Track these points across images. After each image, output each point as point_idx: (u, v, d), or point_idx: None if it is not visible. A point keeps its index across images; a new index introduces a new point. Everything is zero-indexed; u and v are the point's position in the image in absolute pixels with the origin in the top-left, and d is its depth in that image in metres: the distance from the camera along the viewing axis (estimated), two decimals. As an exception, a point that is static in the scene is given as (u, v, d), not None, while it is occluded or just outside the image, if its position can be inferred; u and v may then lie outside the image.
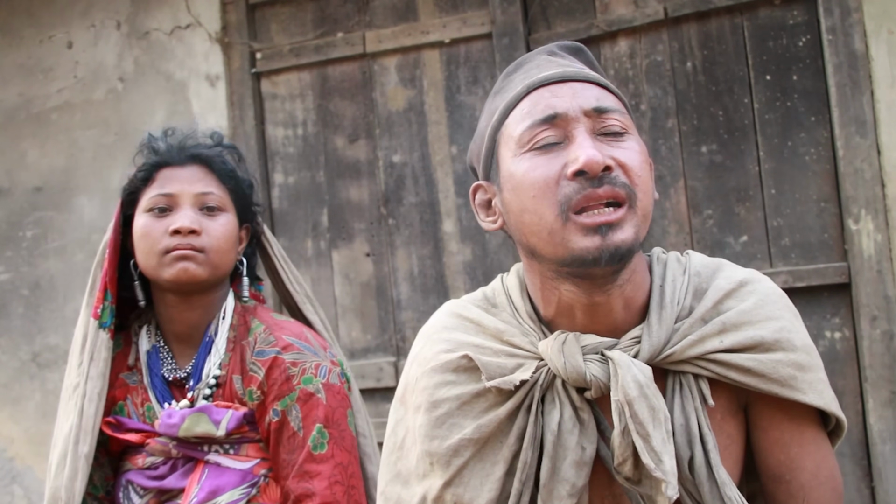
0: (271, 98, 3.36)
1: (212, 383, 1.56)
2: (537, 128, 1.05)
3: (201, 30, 3.37)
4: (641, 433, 1.00)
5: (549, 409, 1.09)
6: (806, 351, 1.11)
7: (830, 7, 2.69)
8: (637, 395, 1.01)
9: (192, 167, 1.59)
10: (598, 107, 1.06)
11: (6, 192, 3.57)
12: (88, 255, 3.35)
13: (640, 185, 1.05)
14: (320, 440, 1.51)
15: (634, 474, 1.04)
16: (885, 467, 2.63)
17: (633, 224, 1.04)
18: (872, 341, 2.64)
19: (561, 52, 1.16)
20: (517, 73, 1.14)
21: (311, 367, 1.54)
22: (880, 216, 2.64)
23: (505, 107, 1.10)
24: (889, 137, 2.63)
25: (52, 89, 3.54)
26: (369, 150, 3.26)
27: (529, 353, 1.11)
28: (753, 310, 1.10)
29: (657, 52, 2.94)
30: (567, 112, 1.05)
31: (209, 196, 1.57)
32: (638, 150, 1.08)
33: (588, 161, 1.01)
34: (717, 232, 2.87)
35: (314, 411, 1.52)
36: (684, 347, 1.07)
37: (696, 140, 2.89)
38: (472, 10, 3.13)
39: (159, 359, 1.62)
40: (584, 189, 1.02)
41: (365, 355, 3.22)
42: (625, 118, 1.09)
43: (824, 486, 1.11)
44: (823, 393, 1.10)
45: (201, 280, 1.55)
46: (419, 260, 3.19)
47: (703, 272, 1.15)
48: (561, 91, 1.06)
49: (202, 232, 1.54)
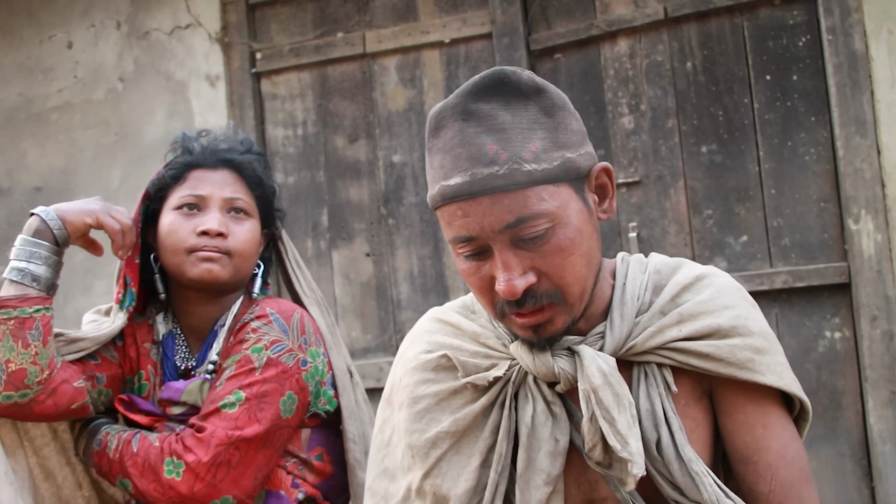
0: (271, 98, 3.36)
1: (210, 369, 1.59)
2: (459, 245, 1.08)
3: (201, 30, 3.37)
4: (607, 418, 1.07)
5: (522, 405, 1.16)
6: (763, 336, 1.16)
7: (830, 7, 2.69)
8: (602, 382, 1.08)
9: (224, 171, 1.62)
10: (509, 223, 1.04)
11: (6, 192, 3.57)
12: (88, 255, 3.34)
13: (566, 281, 1.07)
14: (234, 400, 1.48)
15: (605, 459, 1.10)
16: (885, 467, 2.63)
17: (563, 314, 1.10)
18: (872, 341, 2.64)
19: (477, 107, 1.06)
20: (436, 140, 1.09)
21: (267, 340, 1.53)
22: (880, 216, 2.64)
23: (430, 199, 1.11)
24: (889, 137, 2.63)
25: (52, 89, 3.54)
26: (369, 150, 3.26)
27: (503, 354, 1.19)
28: (709, 300, 1.16)
29: (657, 52, 2.94)
30: (480, 234, 1.05)
31: (237, 201, 1.61)
32: (564, 243, 1.06)
33: (506, 293, 1.05)
34: (717, 232, 2.87)
35: (242, 377, 1.50)
36: (645, 338, 1.14)
37: (696, 140, 2.89)
38: (472, 10, 3.14)
39: (174, 345, 1.65)
40: (512, 307, 1.08)
41: (365, 355, 3.22)
42: (540, 221, 1.04)
43: (791, 465, 1.15)
44: (783, 375, 1.15)
45: (223, 281, 1.58)
46: (419, 260, 3.19)
47: (663, 270, 1.22)
48: (471, 209, 1.04)
49: (229, 235, 1.58)
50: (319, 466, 1.60)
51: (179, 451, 1.46)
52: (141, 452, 1.47)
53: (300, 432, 1.59)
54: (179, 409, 1.56)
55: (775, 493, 1.14)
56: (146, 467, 1.46)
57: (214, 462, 1.44)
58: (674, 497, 1.11)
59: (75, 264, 3.41)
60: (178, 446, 1.46)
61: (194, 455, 1.45)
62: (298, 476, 1.57)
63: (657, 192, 2.93)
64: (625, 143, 2.97)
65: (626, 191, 2.96)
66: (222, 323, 1.63)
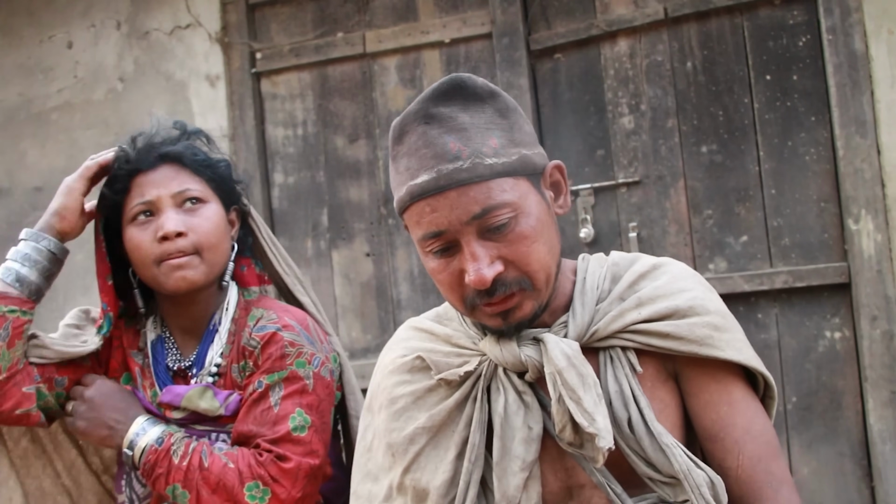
0: (271, 98, 3.36)
1: (213, 371, 1.56)
2: (428, 241, 1.15)
3: (201, 30, 3.37)
4: (573, 398, 1.12)
5: (495, 397, 1.22)
6: (720, 315, 1.22)
7: (830, 7, 2.69)
8: (566, 364, 1.13)
9: (164, 167, 1.56)
10: (476, 214, 1.11)
11: (6, 192, 3.57)
12: (88, 255, 3.34)
13: (532, 266, 1.14)
14: (302, 423, 1.49)
15: (575, 439, 1.14)
16: (885, 467, 2.63)
17: (531, 299, 1.16)
18: (872, 341, 2.64)
19: (438, 111, 1.15)
20: (400, 147, 1.17)
21: (306, 353, 1.53)
22: (880, 216, 2.64)
23: (397, 203, 1.18)
24: (889, 137, 2.63)
25: (52, 89, 3.54)
26: (369, 150, 3.26)
27: (473, 351, 1.26)
28: (666, 285, 1.22)
29: (657, 52, 2.94)
30: (448, 228, 1.12)
31: (187, 192, 1.55)
32: (528, 231, 1.14)
33: (477, 282, 1.11)
34: (717, 232, 2.87)
35: (298, 396, 1.50)
36: (607, 323, 1.20)
37: (696, 140, 2.89)
38: (472, 10, 3.13)
39: (164, 349, 1.62)
40: (482, 297, 1.15)
41: (365, 355, 3.22)
42: (502, 211, 1.12)
43: (758, 440, 1.19)
44: (742, 350, 1.20)
45: (201, 283, 1.55)
46: (419, 260, 3.18)
47: (621, 262, 1.28)
48: (439, 204, 1.12)
49: (189, 231, 1.52)
50: None
51: (266, 479, 1.45)
52: (215, 470, 1.45)
53: None
54: (180, 414, 1.54)
55: (743, 467, 1.18)
56: (221, 487, 1.45)
57: (303, 495, 1.47)
58: (647, 473, 1.16)
59: (75, 264, 3.41)
60: (263, 473, 1.46)
61: (284, 488, 1.45)
62: None
63: (657, 192, 2.93)
64: (625, 143, 2.97)
65: (626, 191, 2.96)
66: (218, 321, 1.60)
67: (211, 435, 1.55)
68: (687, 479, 1.12)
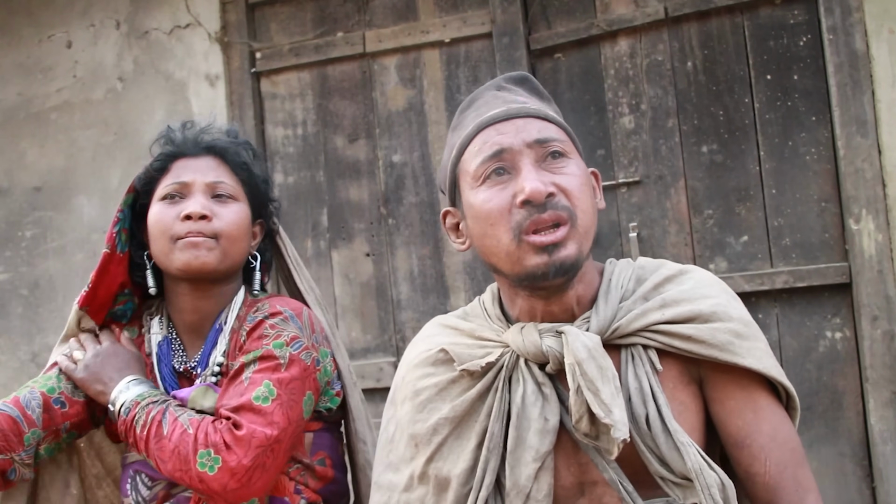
0: (271, 98, 3.36)
1: (216, 370, 1.56)
2: (487, 162, 1.22)
3: (201, 29, 3.36)
4: (592, 389, 1.14)
5: (514, 388, 1.24)
6: (743, 322, 1.23)
7: (831, 6, 2.69)
8: (586, 356, 1.16)
9: (206, 158, 1.61)
10: (538, 139, 1.22)
11: (5, 192, 3.56)
12: (88, 254, 3.35)
13: (579, 206, 1.21)
14: (266, 394, 1.45)
15: (591, 430, 1.16)
16: (885, 468, 2.63)
17: (575, 241, 1.19)
18: (873, 341, 2.64)
19: (507, 86, 1.32)
20: (469, 110, 1.30)
21: (287, 336, 1.51)
22: (881, 216, 2.63)
23: (460, 144, 1.27)
24: (890, 137, 2.63)
25: (51, 89, 3.54)
26: (369, 150, 3.25)
27: (496, 343, 1.28)
28: (691, 290, 1.25)
29: (657, 52, 2.94)
30: (511, 146, 1.21)
31: (221, 185, 1.59)
32: (578, 175, 1.23)
33: (532, 192, 1.17)
34: (717, 232, 2.86)
35: (269, 372, 1.47)
36: (630, 320, 1.22)
37: (697, 140, 2.89)
38: (473, 10, 3.13)
39: (170, 349, 1.62)
40: (532, 215, 1.18)
41: (365, 355, 3.22)
42: (566, 145, 1.25)
43: (783, 446, 1.20)
44: (763, 359, 1.21)
45: (211, 268, 1.54)
46: (419, 260, 3.18)
47: (647, 266, 1.32)
48: (505, 128, 1.23)
49: (213, 217, 1.55)
50: (321, 471, 1.58)
51: (219, 446, 1.41)
52: (173, 438, 1.43)
53: (303, 436, 1.57)
54: None
55: (770, 473, 1.19)
56: (176, 454, 1.42)
57: (254, 465, 1.42)
58: (660, 472, 1.17)
59: (75, 264, 3.41)
60: (217, 440, 1.42)
61: (235, 456, 1.41)
62: (301, 482, 1.55)
63: (657, 192, 2.92)
64: (625, 142, 2.97)
65: (626, 190, 2.96)
66: (224, 321, 1.60)
67: None
68: (698, 478, 1.13)
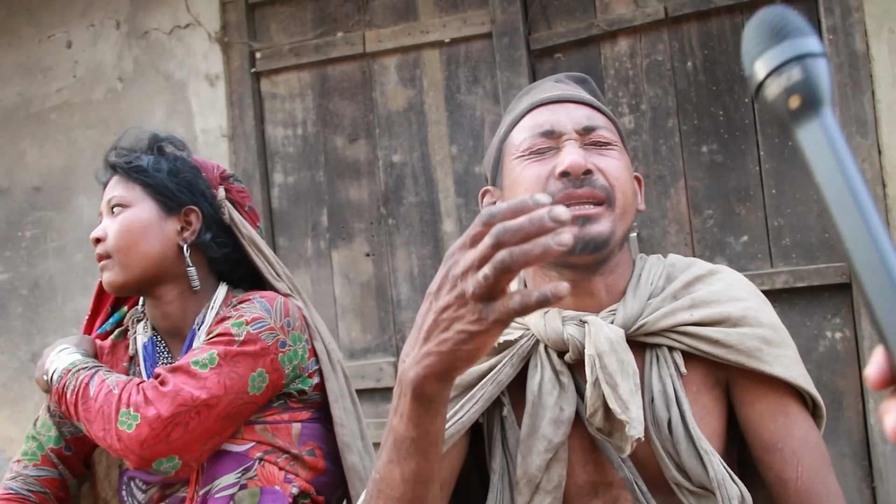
0: (271, 98, 3.36)
1: None
2: (535, 138, 1.22)
3: (201, 29, 3.36)
4: (610, 383, 1.11)
5: (531, 374, 1.21)
6: (772, 328, 1.21)
7: (831, 6, 2.69)
8: (608, 349, 1.13)
9: (113, 178, 1.65)
10: (587, 125, 1.22)
11: (5, 192, 3.56)
12: (88, 254, 3.35)
13: (618, 188, 1.19)
14: (206, 362, 1.44)
15: (605, 425, 1.14)
16: (885, 468, 2.63)
17: (609, 220, 1.17)
18: (873, 341, 2.63)
19: (566, 80, 1.34)
20: (526, 96, 1.32)
21: (249, 316, 1.50)
22: (881, 216, 2.63)
23: (511, 121, 1.28)
24: (890, 137, 2.63)
25: (51, 89, 3.54)
26: (369, 150, 3.25)
27: (518, 325, 1.25)
28: (721, 291, 1.22)
29: (657, 52, 2.93)
30: (561, 128, 1.21)
31: (113, 199, 1.62)
32: (619, 160, 1.22)
33: (571, 164, 1.16)
34: (717, 232, 2.86)
35: (219, 345, 1.46)
36: (657, 318, 1.19)
37: (697, 140, 2.89)
38: (472, 10, 3.13)
39: (155, 352, 1.64)
40: (567, 188, 1.17)
41: (365, 355, 3.22)
42: (613, 136, 1.24)
43: (814, 452, 1.19)
44: (791, 368, 1.19)
45: (119, 284, 1.58)
46: (419, 260, 3.18)
47: (678, 264, 1.29)
48: (558, 110, 1.24)
49: (104, 238, 1.59)
50: (311, 461, 1.58)
51: (140, 403, 1.40)
52: (98, 399, 1.43)
53: (290, 427, 1.56)
54: None
55: (802, 478, 1.17)
56: (101, 414, 1.41)
57: (173, 420, 1.39)
58: (676, 479, 1.15)
59: (75, 264, 3.41)
60: (139, 398, 1.40)
61: (154, 409, 1.39)
62: (291, 472, 1.55)
63: (657, 192, 2.92)
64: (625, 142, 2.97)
65: (626, 191, 2.96)
66: (200, 320, 1.61)
67: None
68: (720, 489, 1.11)
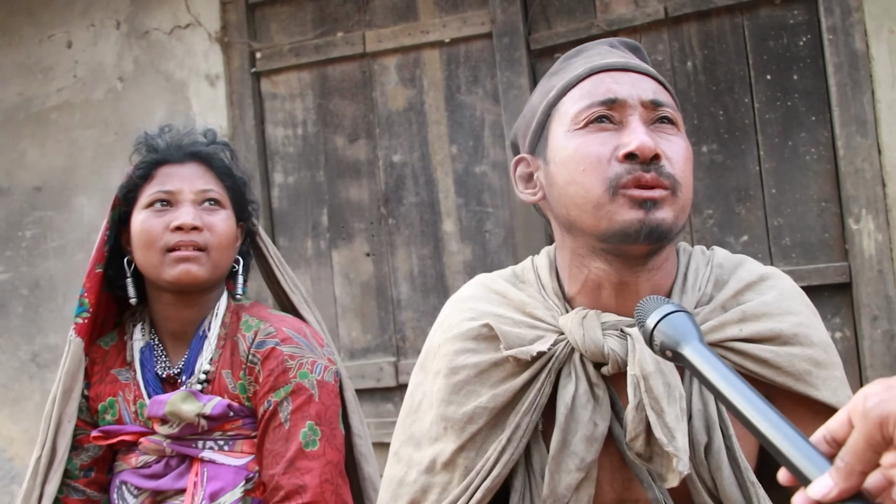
0: (271, 98, 3.36)
1: (202, 378, 1.56)
2: (595, 108, 1.09)
3: (201, 29, 3.36)
4: (656, 408, 1.01)
5: (564, 384, 1.10)
6: (823, 348, 1.12)
7: (831, 6, 2.69)
8: (654, 370, 1.02)
9: (192, 164, 1.59)
10: (654, 99, 1.10)
11: (6, 192, 3.56)
12: (88, 254, 3.33)
13: (682, 178, 1.08)
14: (312, 437, 1.51)
15: (646, 451, 1.05)
16: (885, 467, 2.63)
17: (673, 210, 1.06)
18: (873, 341, 2.64)
19: (620, 46, 1.21)
20: (577, 58, 1.19)
21: (307, 362, 1.55)
22: (881, 216, 2.63)
23: (564, 85, 1.14)
24: (890, 137, 2.63)
25: (51, 89, 3.54)
26: (369, 150, 3.25)
27: (550, 327, 1.13)
28: (773, 303, 1.12)
29: (657, 52, 2.94)
30: (626, 99, 1.09)
31: (210, 192, 1.57)
32: (684, 147, 1.11)
33: (640, 146, 1.05)
34: (717, 231, 2.86)
35: (306, 407, 1.52)
36: (704, 332, 1.06)
37: (697, 140, 2.89)
38: (473, 10, 3.13)
39: (153, 356, 1.61)
40: (634, 171, 1.05)
41: (365, 355, 3.22)
42: (676, 115, 1.13)
43: None
44: (838, 391, 1.10)
45: (202, 281, 1.55)
46: (419, 260, 3.18)
47: (726, 265, 1.18)
48: (622, 79, 1.11)
49: (204, 229, 1.54)
50: None
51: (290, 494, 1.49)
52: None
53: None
54: (167, 430, 1.53)
55: None
56: None
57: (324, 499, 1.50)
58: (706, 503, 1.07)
59: (75, 264, 3.41)
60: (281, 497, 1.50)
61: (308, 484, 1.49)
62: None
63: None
64: (625, 142, 2.97)
65: (626, 190, 2.96)
66: (207, 327, 1.59)
67: (197, 443, 1.54)
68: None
